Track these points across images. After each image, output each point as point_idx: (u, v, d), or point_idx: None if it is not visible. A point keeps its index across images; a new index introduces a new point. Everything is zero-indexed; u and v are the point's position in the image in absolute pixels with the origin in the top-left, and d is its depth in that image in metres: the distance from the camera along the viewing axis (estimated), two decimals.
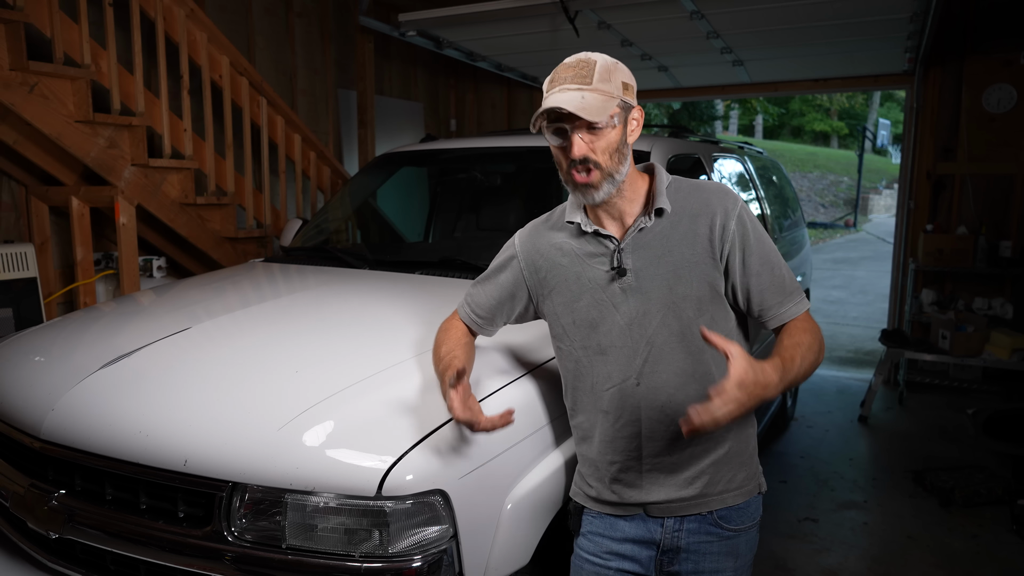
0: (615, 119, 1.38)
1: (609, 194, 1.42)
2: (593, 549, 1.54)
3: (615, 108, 1.37)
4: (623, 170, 1.42)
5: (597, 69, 1.37)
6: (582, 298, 1.49)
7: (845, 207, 21.18)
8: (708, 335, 1.24)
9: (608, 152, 1.38)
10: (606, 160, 1.38)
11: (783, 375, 1.30)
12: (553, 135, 1.40)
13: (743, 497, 1.52)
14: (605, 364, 1.47)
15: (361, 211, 3.47)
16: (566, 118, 1.36)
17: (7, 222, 3.63)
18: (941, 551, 3.06)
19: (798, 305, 1.47)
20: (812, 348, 1.40)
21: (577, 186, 1.41)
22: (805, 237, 5.01)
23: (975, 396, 5.13)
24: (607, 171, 1.39)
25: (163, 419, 1.57)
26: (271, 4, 4.96)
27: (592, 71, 1.36)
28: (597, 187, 1.39)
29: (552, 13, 4.00)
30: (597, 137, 1.36)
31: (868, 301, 9.57)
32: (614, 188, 1.42)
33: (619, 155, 1.40)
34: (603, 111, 1.34)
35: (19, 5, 2.96)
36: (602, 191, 1.40)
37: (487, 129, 7.07)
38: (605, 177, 1.39)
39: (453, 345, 1.59)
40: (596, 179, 1.39)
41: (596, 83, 1.35)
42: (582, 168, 1.38)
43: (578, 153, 1.36)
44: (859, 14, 4.00)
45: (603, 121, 1.35)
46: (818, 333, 1.45)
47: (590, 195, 1.41)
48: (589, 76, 1.36)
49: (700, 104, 23.64)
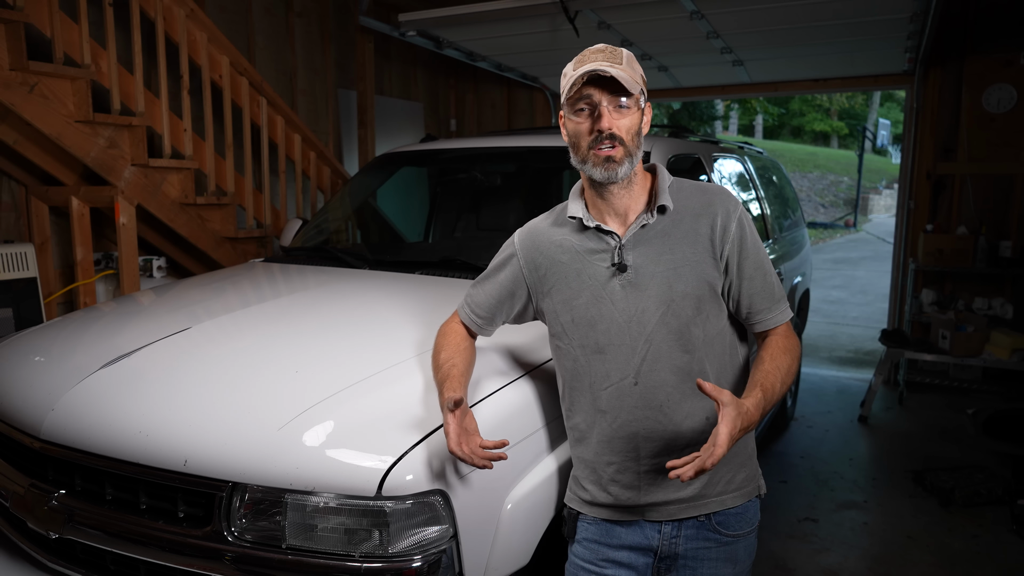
0: (640, 101, 1.43)
1: (628, 174, 1.43)
2: (589, 556, 1.53)
3: (639, 92, 1.41)
4: (638, 156, 1.45)
5: (625, 56, 1.43)
6: (581, 295, 1.49)
7: (845, 207, 21.18)
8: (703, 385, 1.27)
9: (631, 133, 1.42)
10: (630, 139, 1.41)
11: (764, 409, 1.36)
12: (576, 113, 1.42)
13: (742, 499, 1.52)
14: (603, 363, 1.47)
15: (361, 211, 3.47)
16: (601, 87, 1.38)
17: (7, 222, 3.63)
18: (941, 551, 3.06)
19: (783, 313, 1.52)
20: (791, 371, 1.46)
21: (598, 161, 1.41)
22: (805, 237, 5.01)
23: (975, 396, 5.13)
24: (630, 149, 1.42)
25: (163, 419, 1.57)
26: (271, 4, 4.96)
27: (621, 57, 1.42)
28: (620, 162, 1.41)
29: (552, 13, 4.00)
30: (622, 116, 1.41)
31: (868, 301, 9.57)
32: (632, 171, 1.44)
33: (638, 139, 1.44)
34: (635, 85, 1.39)
35: (19, 5, 2.96)
36: (623, 168, 1.42)
37: (487, 129, 7.07)
38: (626, 155, 1.42)
39: (452, 352, 1.59)
40: (620, 155, 1.41)
41: (624, 65, 1.40)
42: (609, 142, 1.40)
43: (607, 125, 1.39)
44: (859, 14, 4.00)
45: (634, 94, 1.39)
46: (795, 349, 1.50)
47: (613, 170, 1.41)
48: (619, 60, 1.41)
49: (700, 104, 23.65)
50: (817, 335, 7.34)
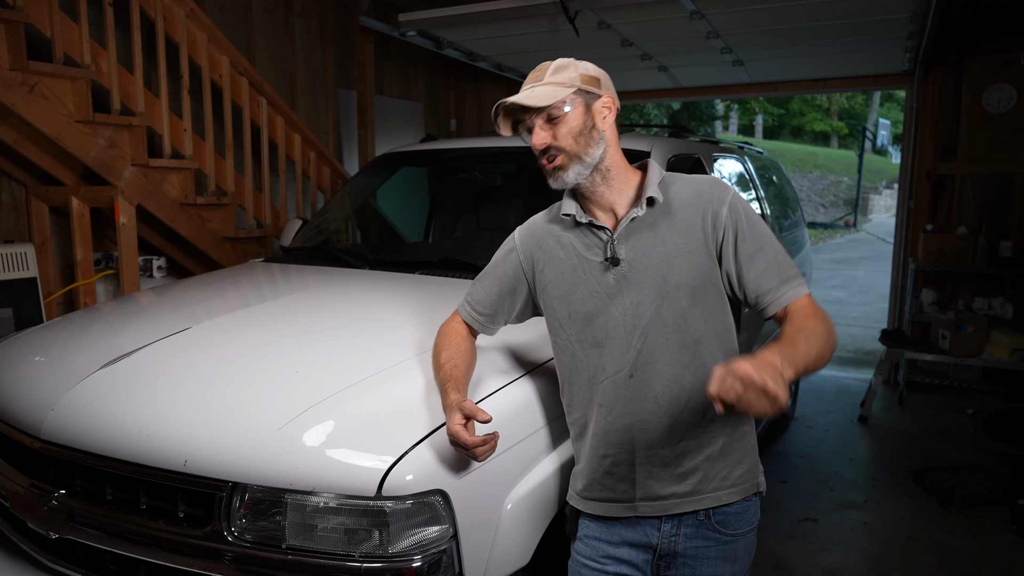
0: (567, 105, 1.43)
1: (581, 177, 1.46)
2: (590, 553, 1.53)
3: (567, 95, 1.43)
4: (594, 152, 1.45)
5: (551, 67, 1.47)
6: (577, 290, 1.50)
7: (845, 207, 21.17)
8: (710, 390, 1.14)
9: (571, 136, 1.44)
10: (570, 143, 1.44)
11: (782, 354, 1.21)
12: (525, 134, 1.49)
13: (739, 495, 1.51)
14: (601, 357, 1.48)
15: (361, 211, 3.47)
16: (522, 114, 1.46)
17: (7, 222, 3.63)
18: (941, 551, 3.06)
19: (797, 288, 1.43)
20: (817, 331, 1.33)
21: (548, 173, 1.48)
22: (805, 237, 5.01)
23: (975, 396, 5.13)
24: (573, 153, 1.44)
25: (163, 419, 1.57)
26: (271, 4, 4.96)
27: (545, 71, 1.47)
28: (565, 169, 1.45)
29: (552, 13, 4.00)
30: (556, 125, 1.44)
31: (868, 301, 9.56)
32: (586, 171, 1.46)
33: (585, 139, 1.44)
34: (550, 97, 1.42)
35: (19, 5, 2.96)
36: (571, 172, 1.45)
37: (487, 129, 7.07)
38: (572, 159, 1.45)
39: (453, 351, 1.59)
40: (563, 162, 1.45)
41: (548, 78, 1.45)
42: (545, 156, 1.46)
43: (536, 142, 1.45)
44: (859, 14, 4.00)
45: (555, 107, 1.42)
46: (825, 317, 1.39)
47: (559, 178, 1.46)
48: (542, 74, 1.46)
49: (700, 104, 23.63)
50: None
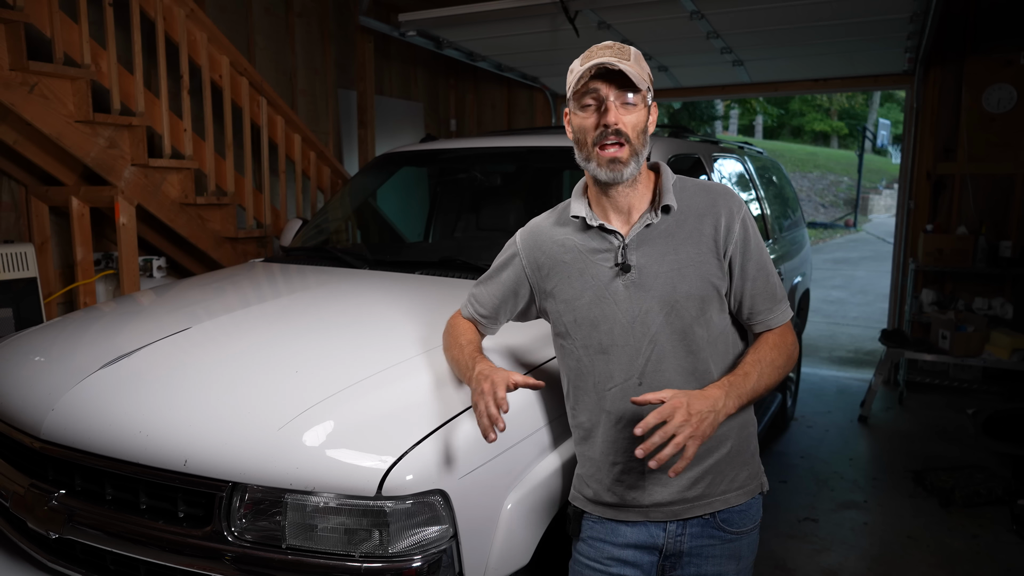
0: (647, 99, 1.42)
1: (633, 175, 1.43)
2: (594, 555, 1.53)
3: (646, 89, 1.40)
4: (643, 155, 1.44)
5: (633, 53, 1.42)
6: (584, 295, 1.49)
7: (845, 207, 21.17)
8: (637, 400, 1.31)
9: (637, 130, 1.40)
10: (635, 137, 1.40)
11: (733, 386, 1.38)
12: (581, 109, 1.42)
13: (745, 497, 1.52)
14: (607, 363, 1.47)
15: (361, 211, 3.47)
16: (605, 85, 1.38)
17: (7, 222, 3.63)
18: (941, 551, 3.06)
19: (783, 314, 1.52)
20: (774, 364, 1.46)
21: (603, 161, 1.40)
22: (805, 237, 5.01)
23: (975, 396, 5.13)
24: (635, 147, 1.41)
25: (163, 419, 1.56)
26: (271, 4, 4.96)
27: (629, 53, 1.41)
28: (625, 163, 1.40)
29: (552, 13, 4.00)
30: (628, 112, 1.39)
31: (868, 301, 9.56)
32: (637, 170, 1.43)
33: (644, 137, 1.43)
34: (643, 80, 1.38)
35: (19, 5, 2.96)
36: (629, 168, 1.41)
37: (487, 129, 7.07)
38: (632, 155, 1.41)
39: (472, 336, 1.64)
40: (626, 154, 1.40)
41: (633, 61, 1.40)
42: (614, 140, 1.39)
43: (612, 119, 1.37)
44: (859, 14, 4.00)
45: (642, 90, 1.39)
46: (787, 347, 1.49)
47: (618, 171, 1.41)
48: (627, 56, 1.40)
49: (700, 104, 23.63)
50: (817, 335, 7.34)
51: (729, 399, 1.35)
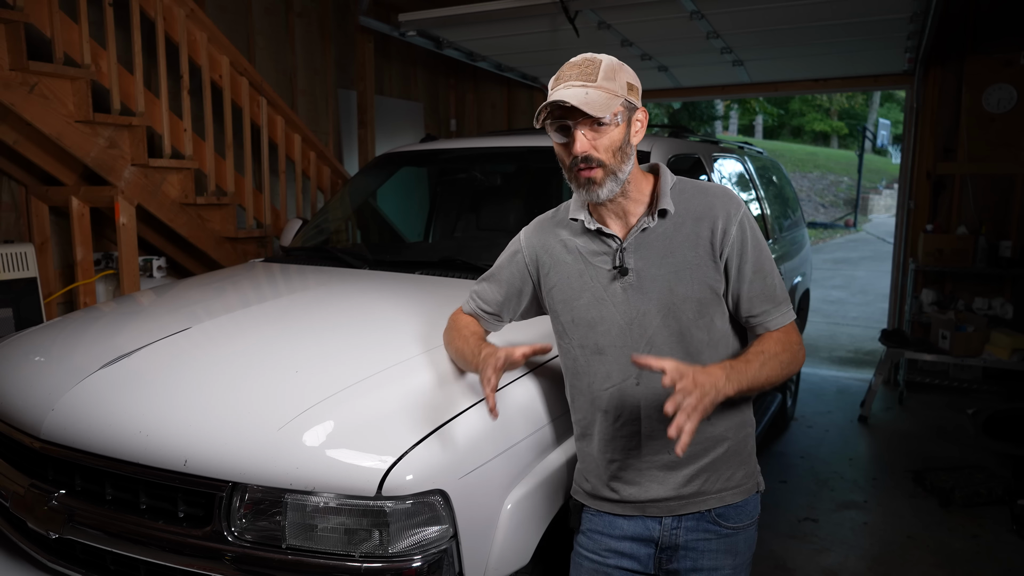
0: (618, 117, 1.39)
1: (612, 193, 1.43)
2: (592, 547, 1.55)
3: (618, 107, 1.38)
4: (626, 169, 1.43)
5: (602, 68, 1.38)
6: (582, 296, 1.50)
7: (845, 207, 21.17)
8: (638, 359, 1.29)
9: (611, 150, 1.39)
10: (609, 158, 1.39)
11: (734, 369, 1.35)
12: (556, 132, 1.41)
13: (741, 495, 1.53)
14: (603, 364, 1.48)
15: (361, 211, 3.47)
16: (570, 114, 1.36)
17: (7, 222, 3.63)
18: (941, 551, 3.06)
19: (784, 316, 1.50)
20: (777, 357, 1.43)
21: (580, 183, 1.41)
22: (805, 237, 5.01)
23: (975, 396, 5.13)
24: (610, 169, 1.40)
25: (163, 419, 1.56)
26: (271, 4, 4.96)
27: (597, 70, 1.38)
28: (600, 184, 1.40)
29: (552, 13, 4.00)
30: (600, 134, 1.38)
31: (868, 301, 9.56)
32: (617, 187, 1.43)
33: (622, 154, 1.41)
34: (606, 107, 1.35)
35: (19, 5, 2.96)
36: (605, 189, 1.41)
37: (487, 129, 7.07)
38: (608, 175, 1.40)
39: (476, 328, 1.65)
40: (599, 176, 1.40)
41: (600, 81, 1.37)
42: (585, 165, 1.39)
43: (580, 150, 1.37)
44: (859, 14, 4.00)
45: (606, 118, 1.36)
46: (792, 346, 1.47)
47: (593, 192, 1.41)
48: (594, 74, 1.37)
49: (700, 104, 23.64)
50: (817, 335, 7.34)
51: (729, 382, 1.32)
